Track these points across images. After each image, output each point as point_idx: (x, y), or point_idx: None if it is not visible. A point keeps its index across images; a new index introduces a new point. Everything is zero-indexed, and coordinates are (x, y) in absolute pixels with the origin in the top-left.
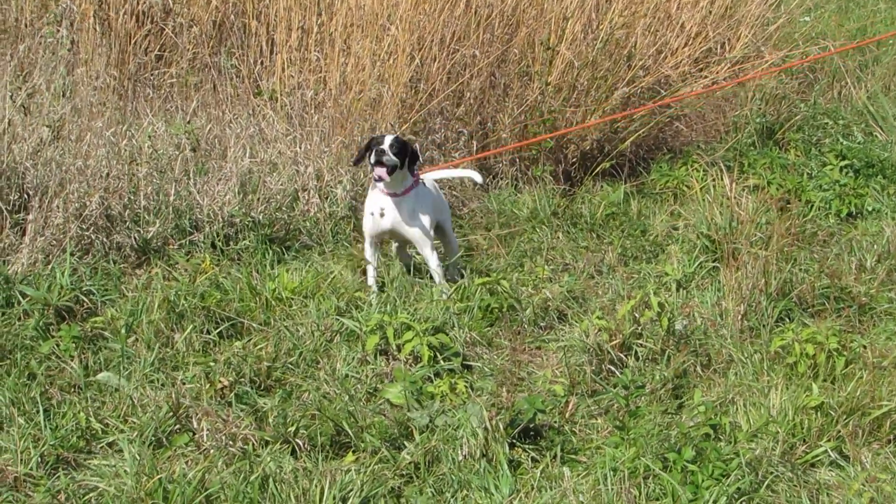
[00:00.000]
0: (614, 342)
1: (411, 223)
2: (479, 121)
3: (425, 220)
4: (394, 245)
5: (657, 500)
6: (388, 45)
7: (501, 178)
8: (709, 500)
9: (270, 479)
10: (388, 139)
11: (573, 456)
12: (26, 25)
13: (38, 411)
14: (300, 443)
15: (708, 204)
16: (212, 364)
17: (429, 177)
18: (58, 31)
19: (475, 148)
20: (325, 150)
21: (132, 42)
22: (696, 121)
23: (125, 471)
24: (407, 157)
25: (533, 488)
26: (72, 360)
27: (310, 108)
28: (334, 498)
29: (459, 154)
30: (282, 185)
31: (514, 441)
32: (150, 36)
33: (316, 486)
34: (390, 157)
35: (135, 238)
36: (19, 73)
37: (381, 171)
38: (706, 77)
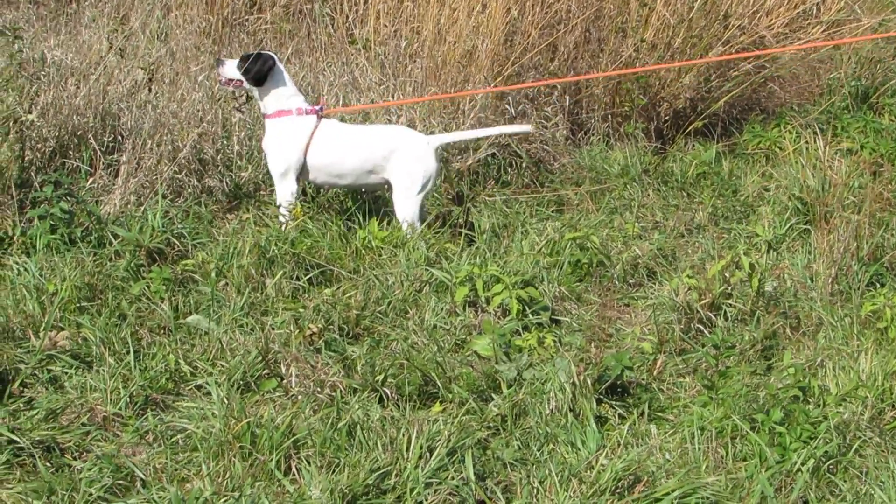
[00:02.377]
0: (704, 301)
1: (267, 151)
2: (573, 75)
3: (280, 151)
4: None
5: (744, 460)
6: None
7: (593, 134)
8: (796, 463)
9: (358, 427)
10: (242, 54)
11: (660, 414)
12: None
13: (128, 352)
14: (388, 392)
15: (800, 166)
16: (301, 310)
17: (441, 139)
18: None
19: (567, 103)
20: (418, 101)
21: None
22: (790, 82)
23: (213, 413)
24: (251, 71)
25: (620, 444)
26: (162, 302)
27: (403, 58)
28: (421, 447)
29: (552, 108)
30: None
31: (602, 397)
32: None
33: (403, 434)
34: (224, 71)
35: (226, 182)
36: (116, 16)
37: (220, 80)
38: (801, 39)
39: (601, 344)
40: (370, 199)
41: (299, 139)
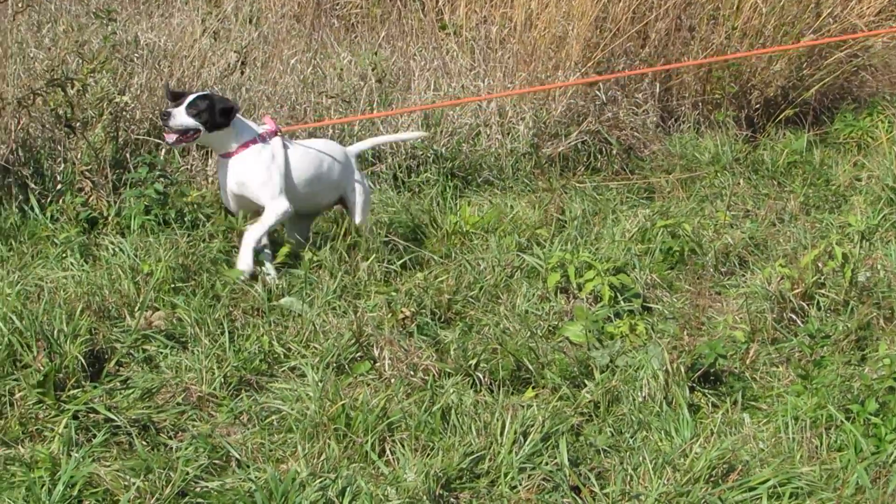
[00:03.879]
0: (796, 291)
1: (247, 183)
2: (663, 62)
3: (258, 172)
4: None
5: (839, 450)
6: None
7: (683, 122)
8: (892, 454)
9: (452, 411)
10: (189, 99)
11: (753, 403)
12: None
13: (222, 333)
14: (481, 376)
15: (893, 156)
16: (393, 294)
17: (358, 147)
18: None
19: (657, 90)
20: (508, 86)
21: None
22: (882, 71)
23: (308, 395)
24: (214, 114)
25: (713, 433)
26: (256, 284)
27: (494, 44)
28: (515, 432)
29: (643, 95)
30: (464, 119)
31: (694, 385)
32: None
33: (497, 419)
34: (178, 122)
35: None
36: (209, 0)
37: (170, 138)
38: (894, 28)
39: (693, 332)
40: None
41: (278, 161)
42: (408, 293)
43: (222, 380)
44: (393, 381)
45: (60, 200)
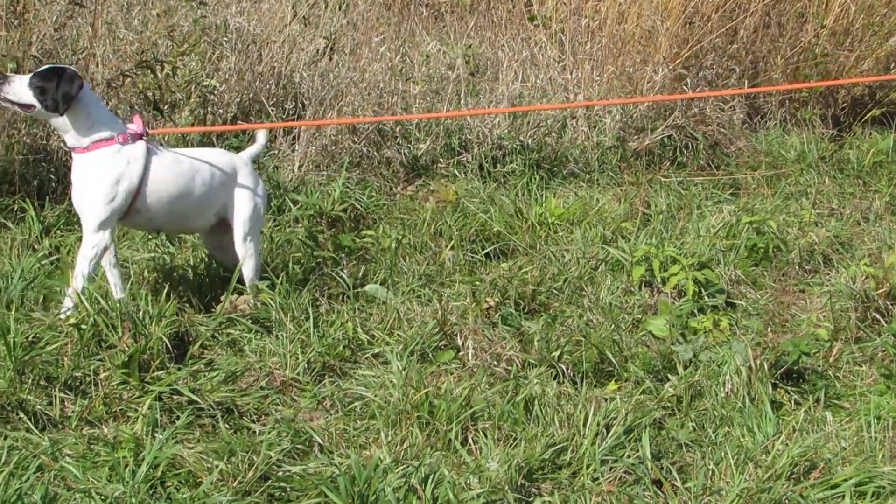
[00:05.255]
0: (881, 290)
1: (81, 189)
2: (751, 59)
3: (103, 185)
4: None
5: None
6: None
7: (770, 119)
8: None
9: (535, 402)
10: (39, 70)
11: (836, 401)
12: None
13: (306, 318)
14: (564, 368)
15: None
16: (478, 283)
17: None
18: None
19: (746, 87)
20: (595, 78)
21: None
22: None
23: (392, 382)
24: (57, 94)
25: (795, 430)
26: (341, 270)
27: (583, 36)
28: (598, 424)
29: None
30: (551, 111)
31: (777, 382)
32: None
33: (580, 411)
34: (13, 92)
35: (405, 154)
36: None
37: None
38: None
39: (777, 329)
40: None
41: (130, 173)
42: (492, 283)
43: (306, 365)
44: (476, 370)
45: None
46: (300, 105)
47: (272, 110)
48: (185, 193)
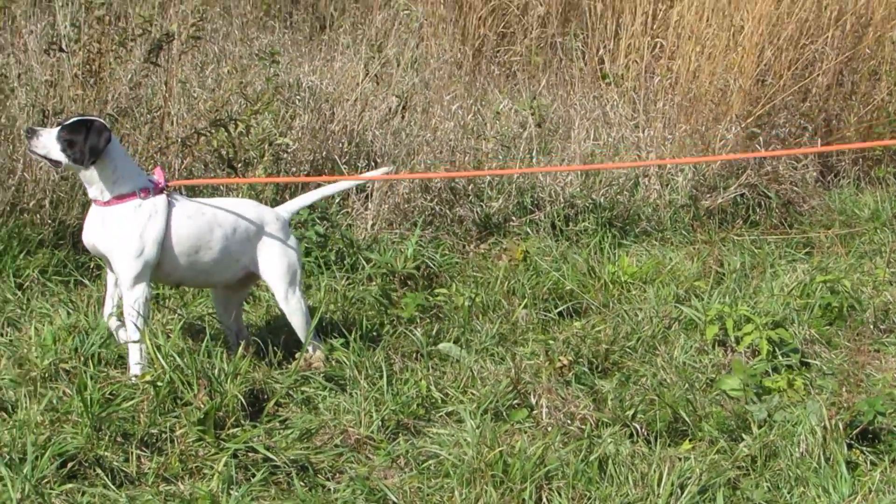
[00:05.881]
0: None
1: (109, 241)
2: (824, 117)
3: (130, 242)
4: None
5: None
6: (740, 38)
7: (843, 177)
8: None
9: (609, 461)
10: (67, 122)
11: None
12: None
13: (380, 376)
14: (637, 427)
15: None
16: (551, 342)
17: (292, 206)
18: (408, 7)
19: (819, 145)
20: (668, 137)
21: (477, 18)
22: None
23: (466, 440)
24: (84, 147)
25: (871, 491)
26: (414, 328)
27: (654, 94)
28: (672, 484)
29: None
30: (623, 169)
31: (852, 442)
32: (495, 13)
33: (654, 470)
34: (41, 146)
35: (477, 213)
36: (373, 44)
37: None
38: None
39: (852, 388)
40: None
41: (153, 226)
42: (565, 342)
43: (380, 423)
44: (550, 429)
45: None
46: (373, 163)
47: (345, 168)
48: (205, 247)
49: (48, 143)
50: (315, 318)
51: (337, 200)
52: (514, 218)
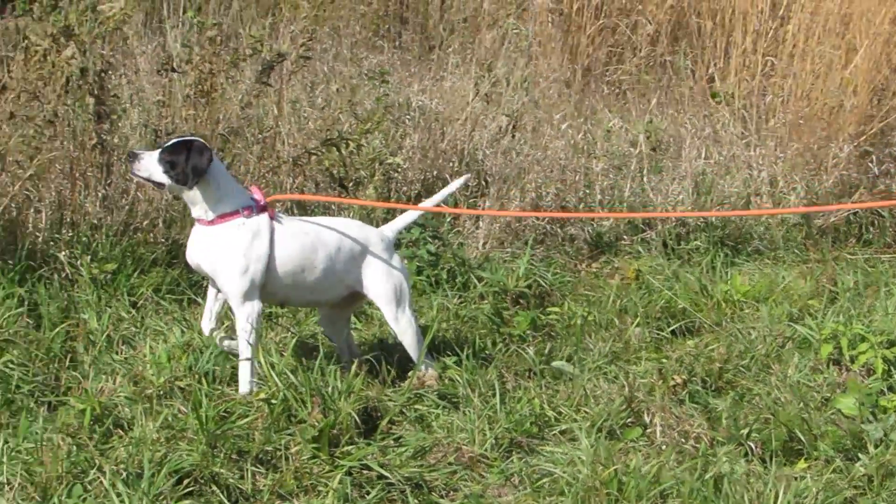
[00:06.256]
0: None
1: (213, 260)
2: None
3: (235, 260)
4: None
5: None
6: (854, 57)
7: None
8: None
9: (724, 479)
10: (168, 144)
11: None
12: (486, 16)
13: (493, 394)
14: (752, 446)
15: None
16: (664, 361)
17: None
18: (517, 26)
19: None
20: (780, 155)
21: (586, 37)
22: None
23: (580, 459)
24: (187, 168)
25: None
26: (527, 347)
27: (766, 113)
28: (788, 503)
29: None
30: (735, 188)
31: None
32: (604, 32)
33: (770, 489)
34: (144, 169)
35: (588, 231)
36: (483, 63)
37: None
38: None
39: None
40: None
41: (259, 245)
42: (678, 360)
43: (493, 441)
44: (664, 447)
45: None
46: (483, 182)
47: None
48: (309, 266)
49: (150, 165)
50: (427, 336)
51: (448, 219)
52: (625, 237)
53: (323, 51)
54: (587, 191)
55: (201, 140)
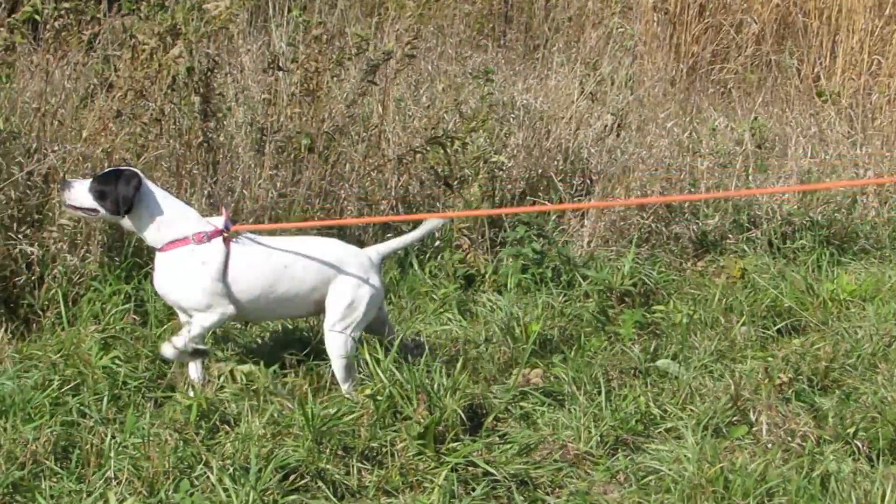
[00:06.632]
0: None
1: (168, 288)
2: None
3: (187, 287)
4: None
5: None
6: None
7: None
8: None
9: (831, 478)
10: (100, 174)
11: None
12: (591, 15)
13: (599, 392)
14: (859, 444)
15: None
16: (770, 359)
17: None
18: (622, 25)
19: None
20: (886, 154)
21: (691, 36)
22: None
23: (686, 457)
24: (116, 198)
25: None
26: (632, 345)
27: (872, 112)
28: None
29: None
30: (840, 187)
31: None
32: (708, 31)
33: (878, 488)
34: (73, 198)
35: (693, 230)
36: (588, 62)
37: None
38: None
39: None
40: None
41: (210, 269)
42: (784, 359)
43: (598, 438)
44: (770, 445)
45: (438, 257)
46: (588, 181)
47: (561, 186)
48: (268, 289)
49: (80, 195)
50: (532, 336)
51: (553, 217)
52: (730, 235)
53: (427, 50)
54: (692, 189)
55: (132, 169)
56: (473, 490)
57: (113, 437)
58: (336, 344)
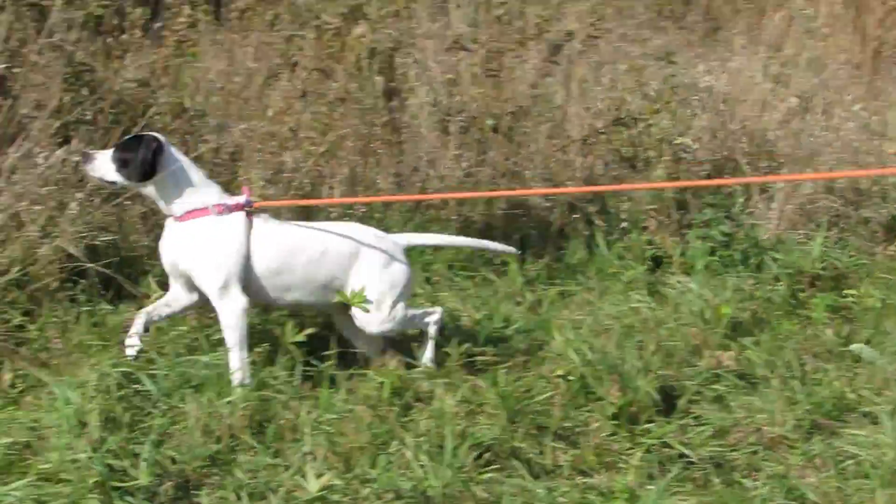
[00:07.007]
0: None
1: (188, 256)
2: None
3: (209, 254)
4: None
5: None
6: None
7: None
8: None
9: None
10: (121, 142)
11: None
12: None
13: (792, 375)
14: None
15: None
16: None
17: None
18: (805, 7)
19: None
20: None
21: (876, 19)
22: None
23: (885, 442)
24: (137, 164)
25: None
26: (826, 329)
27: None
28: None
29: None
30: None
31: None
32: (892, 14)
33: None
34: (96, 170)
35: (883, 214)
36: (772, 44)
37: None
38: None
39: None
40: None
41: (234, 243)
42: None
43: (794, 422)
44: None
45: (626, 238)
46: (775, 164)
47: (747, 168)
48: (287, 269)
49: (102, 165)
50: (723, 320)
51: (740, 200)
52: None
53: (607, 31)
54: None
55: (153, 134)
56: (668, 472)
57: (309, 412)
58: (376, 321)
